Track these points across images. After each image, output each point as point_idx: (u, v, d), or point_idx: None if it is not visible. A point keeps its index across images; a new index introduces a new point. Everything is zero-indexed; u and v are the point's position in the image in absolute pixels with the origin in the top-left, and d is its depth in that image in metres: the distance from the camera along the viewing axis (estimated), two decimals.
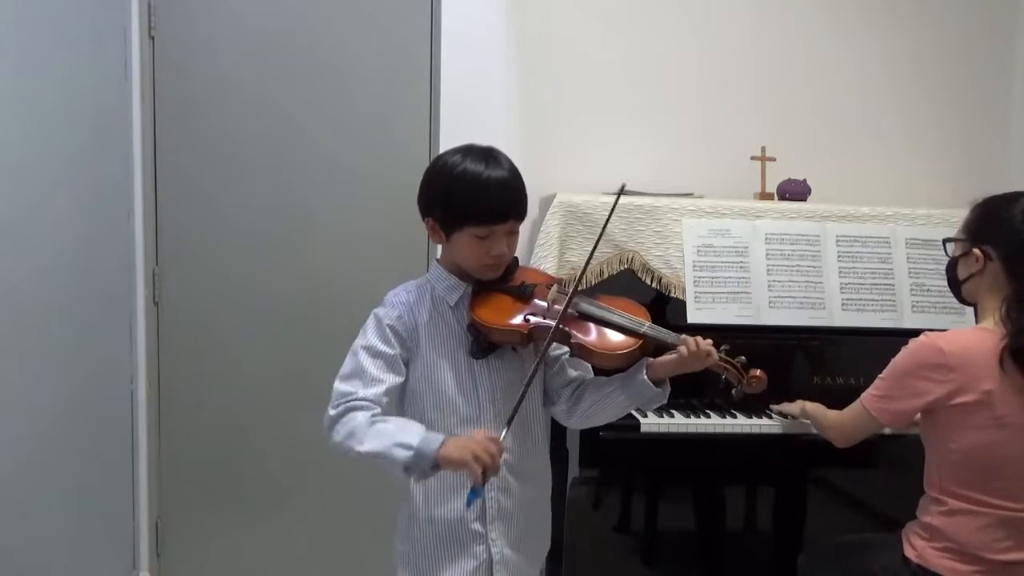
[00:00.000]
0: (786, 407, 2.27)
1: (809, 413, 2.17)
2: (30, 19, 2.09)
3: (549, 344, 1.55)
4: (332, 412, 1.53)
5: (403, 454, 1.44)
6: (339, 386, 1.56)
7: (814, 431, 2.22)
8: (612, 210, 1.67)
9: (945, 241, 2.03)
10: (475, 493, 1.44)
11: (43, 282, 2.18)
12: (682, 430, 2.23)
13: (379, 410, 1.53)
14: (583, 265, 1.68)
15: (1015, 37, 3.05)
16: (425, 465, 1.43)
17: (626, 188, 2.54)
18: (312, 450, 2.80)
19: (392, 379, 1.57)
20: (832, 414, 2.09)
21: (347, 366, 1.58)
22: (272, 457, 2.83)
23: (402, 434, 1.47)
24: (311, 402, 2.76)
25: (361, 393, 1.53)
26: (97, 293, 2.50)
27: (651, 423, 2.20)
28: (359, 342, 1.60)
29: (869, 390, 1.94)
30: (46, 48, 2.17)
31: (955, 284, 1.99)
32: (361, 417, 1.50)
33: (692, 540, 2.76)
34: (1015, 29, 3.05)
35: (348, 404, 1.52)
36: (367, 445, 1.47)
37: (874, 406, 1.91)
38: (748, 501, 2.75)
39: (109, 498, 2.63)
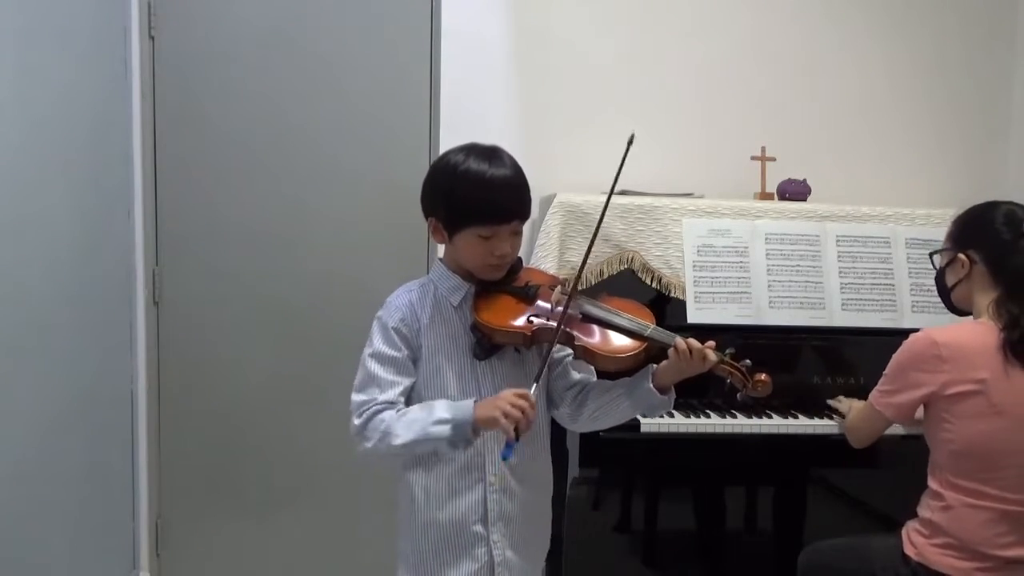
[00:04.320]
0: (841, 405, 2.27)
1: (849, 412, 2.20)
2: (30, 19, 2.09)
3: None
4: (357, 422, 1.54)
5: (443, 430, 1.47)
6: (356, 397, 1.56)
7: (812, 431, 2.24)
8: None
9: (932, 254, 2.10)
10: (509, 448, 1.43)
11: (43, 282, 2.18)
12: (682, 430, 2.23)
13: (402, 406, 1.55)
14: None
15: (1015, 38, 3.04)
16: (467, 432, 1.47)
17: (627, 189, 2.58)
18: (312, 450, 2.80)
19: (406, 381, 1.58)
20: (850, 415, 2.16)
21: (360, 376, 1.59)
22: (272, 457, 2.83)
23: (433, 412, 1.49)
24: (311, 402, 2.80)
25: (380, 398, 1.54)
26: (97, 293, 2.50)
27: (651, 423, 2.20)
28: (367, 351, 1.60)
29: (875, 387, 1.99)
30: (46, 48, 2.17)
31: (945, 293, 2.04)
32: (388, 416, 1.52)
33: (692, 540, 2.76)
34: (1015, 30, 3.04)
35: (371, 410, 1.53)
36: (403, 437, 1.49)
37: (879, 402, 1.96)
38: (748, 501, 2.75)
39: (109, 498, 2.63)
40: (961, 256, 1.95)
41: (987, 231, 1.93)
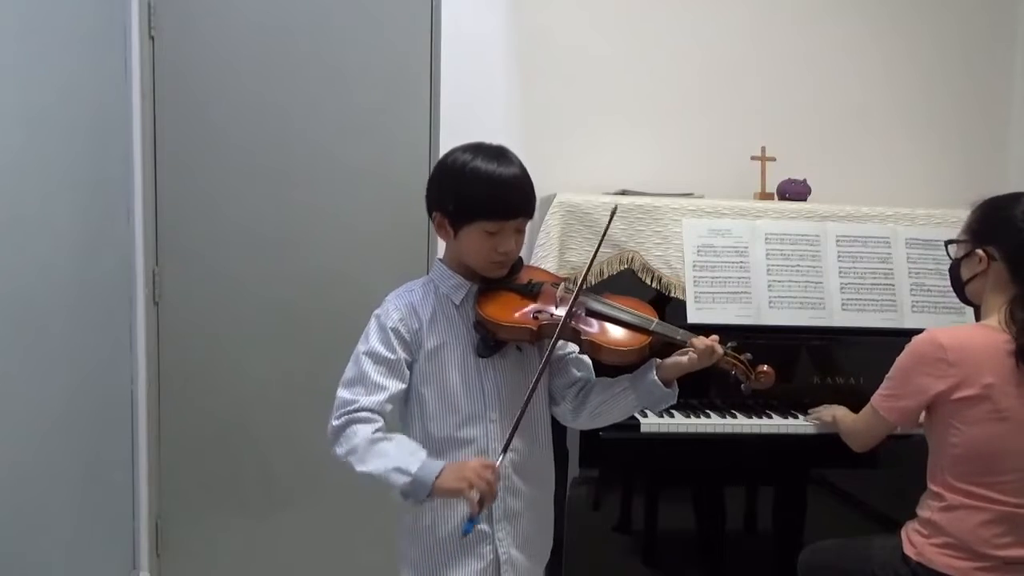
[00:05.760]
0: (821, 414, 2.24)
1: (837, 420, 2.16)
2: (30, 19, 2.09)
3: (557, 340, 1.54)
4: (335, 423, 1.53)
5: (401, 480, 1.44)
6: (342, 393, 1.55)
7: (813, 431, 2.24)
8: (608, 225, 1.68)
9: (947, 243, 2.05)
10: (472, 523, 1.43)
11: (43, 282, 2.18)
12: (682, 430, 2.23)
13: (382, 423, 1.52)
14: (587, 265, 1.69)
15: (1015, 37, 3.05)
16: (421, 494, 1.44)
17: (627, 190, 2.58)
18: (312, 449, 2.78)
19: (395, 385, 1.56)
20: (849, 419, 2.11)
21: (349, 372, 1.57)
22: (272, 457, 2.84)
23: (402, 458, 1.46)
24: (311, 401, 2.77)
25: (363, 401, 1.52)
26: (97, 293, 2.50)
27: (651, 423, 2.20)
28: (361, 347, 1.58)
29: (878, 390, 1.96)
30: (46, 48, 2.17)
31: (959, 285, 2.00)
32: (363, 433, 1.50)
33: (692, 540, 2.76)
34: (1015, 29, 3.05)
35: (351, 416, 1.52)
36: (367, 465, 1.48)
37: (882, 405, 1.93)
38: (748, 501, 2.75)
39: (109, 498, 2.63)
40: (979, 251, 1.90)
41: (1008, 227, 1.87)
